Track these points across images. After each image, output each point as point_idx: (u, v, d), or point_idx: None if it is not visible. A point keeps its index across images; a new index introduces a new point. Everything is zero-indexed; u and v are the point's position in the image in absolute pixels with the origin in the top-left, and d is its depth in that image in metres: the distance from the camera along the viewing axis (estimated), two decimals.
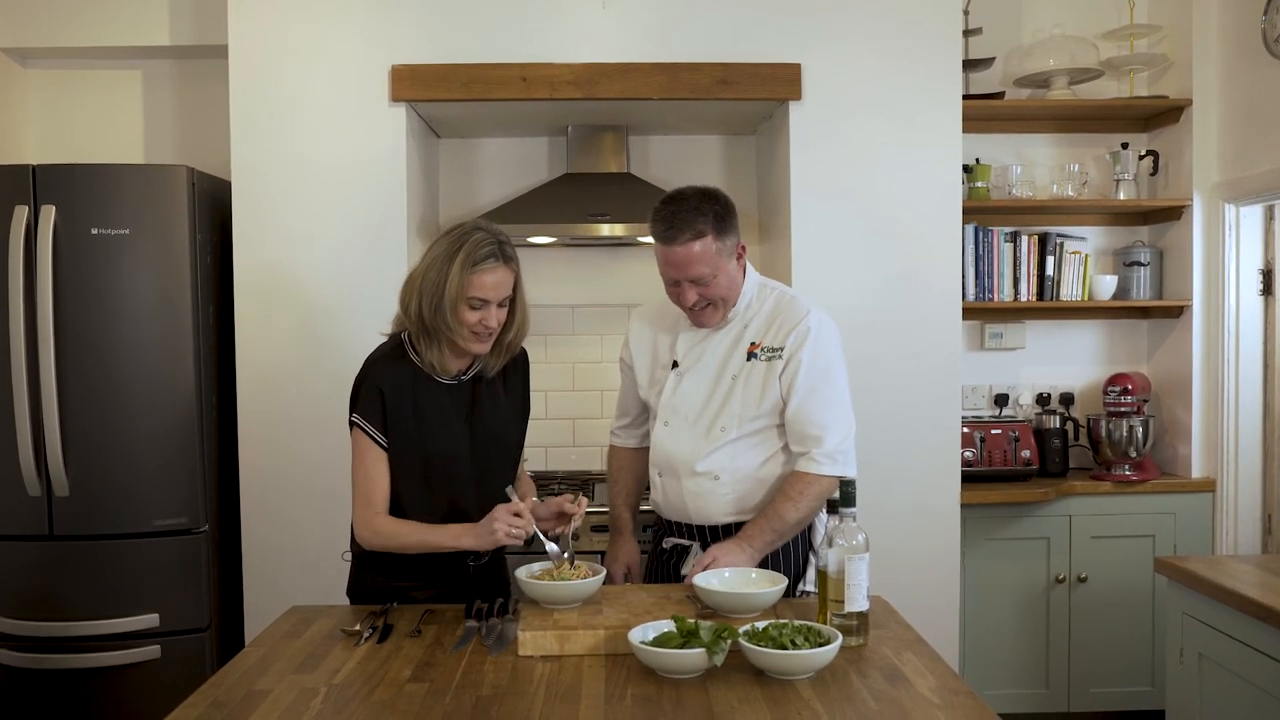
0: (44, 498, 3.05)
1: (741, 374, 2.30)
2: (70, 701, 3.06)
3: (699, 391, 2.33)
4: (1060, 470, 3.86)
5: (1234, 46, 3.65)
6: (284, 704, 1.67)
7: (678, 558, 2.37)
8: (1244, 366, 3.72)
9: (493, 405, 2.29)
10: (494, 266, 2.15)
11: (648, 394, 2.43)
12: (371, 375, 2.22)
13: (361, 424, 2.19)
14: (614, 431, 2.60)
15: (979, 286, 3.86)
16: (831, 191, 3.35)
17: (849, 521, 1.90)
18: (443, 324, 2.15)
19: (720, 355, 2.34)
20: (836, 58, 3.34)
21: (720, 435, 2.29)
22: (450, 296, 2.13)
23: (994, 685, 3.66)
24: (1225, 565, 2.61)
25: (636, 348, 2.48)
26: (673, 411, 2.35)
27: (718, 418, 2.30)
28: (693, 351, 2.36)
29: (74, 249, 3.01)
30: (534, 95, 3.28)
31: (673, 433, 2.35)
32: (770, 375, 2.28)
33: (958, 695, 1.67)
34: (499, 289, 2.16)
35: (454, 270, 2.13)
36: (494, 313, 2.17)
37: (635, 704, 1.64)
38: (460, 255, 2.13)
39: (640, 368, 2.46)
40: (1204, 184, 3.77)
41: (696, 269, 2.21)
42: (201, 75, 3.77)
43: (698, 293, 2.25)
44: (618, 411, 2.58)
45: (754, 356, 2.30)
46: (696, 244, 2.20)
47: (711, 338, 2.35)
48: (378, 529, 2.18)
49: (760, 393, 2.28)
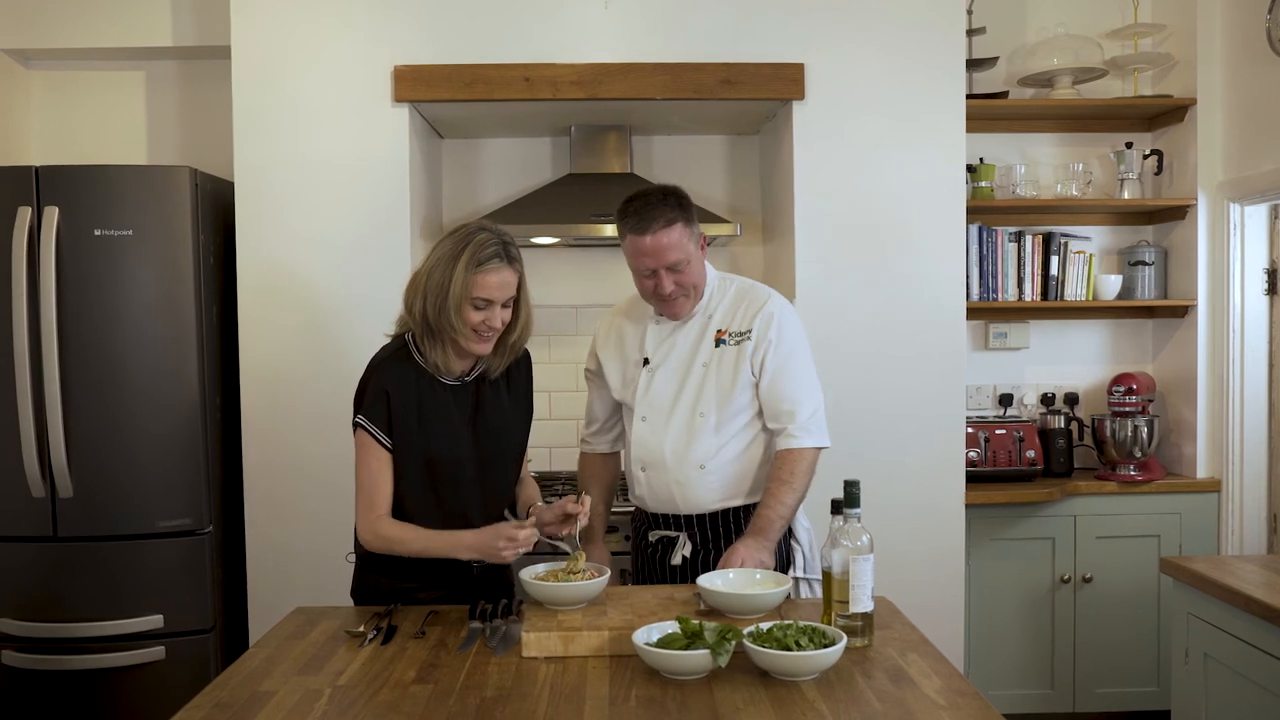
0: (48, 499, 3.05)
1: (712, 361, 2.37)
2: (75, 703, 3.06)
3: (672, 384, 2.39)
4: (1065, 470, 3.85)
5: (1238, 45, 3.64)
6: (288, 706, 1.67)
7: (664, 550, 2.42)
8: (1249, 366, 3.71)
9: (496, 407, 2.29)
10: (498, 267, 2.15)
11: (623, 394, 2.48)
12: (377, 377, 2.22)
13: (366, 425, 2.19)
14: (584, 439, 2.64)
15: (983, 286, 3.86)
16: (835, 191, 3.35)
17: (853, 522, 1.89)
18: (447, 324, 2.15)
19: (689, 347, 2.41)
20: (840, 57, 3.33)
21: (700, 422, 2.35)
22: (454, 297, 2.13)
23: (998, 686, 3.65)
24: (1231, 565, 2.60)
25: (605, 353, 2.54)
26: (649, 406, 2.41)
27: (695, 405, 2.36)
28: (662, 347, 2.43)
29: (77, 250, 3.01)
30: (537, 95, 3.28)
31: (652, 427, 2.40)
32: (741, 358, 2.36)
33: (963, 696, 1.66)
34: (503, 289, 2.16)
35: (458, 270, 2.13)
36: (498, 313, 2.17)
37: (640, 705, 1.64)
38: (465, 255, 2.14)
39: (611, 371, 2.51)
40: (1208, 183, 3.76)
41: (672, 254, 2.29)
42: (204, 76, 3.77)
43: (674, 280, 2.32)
44: (586, 420, 2.63)
45: (722, 343, 2.38)
46: (669, 231, 2.28)
47: (678, 332, 2.42)
48: (380, 532, 2.18)
49: (733, 375, 2.36)
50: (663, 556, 2.43)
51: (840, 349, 3.30)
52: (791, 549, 2.41)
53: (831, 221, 3.35)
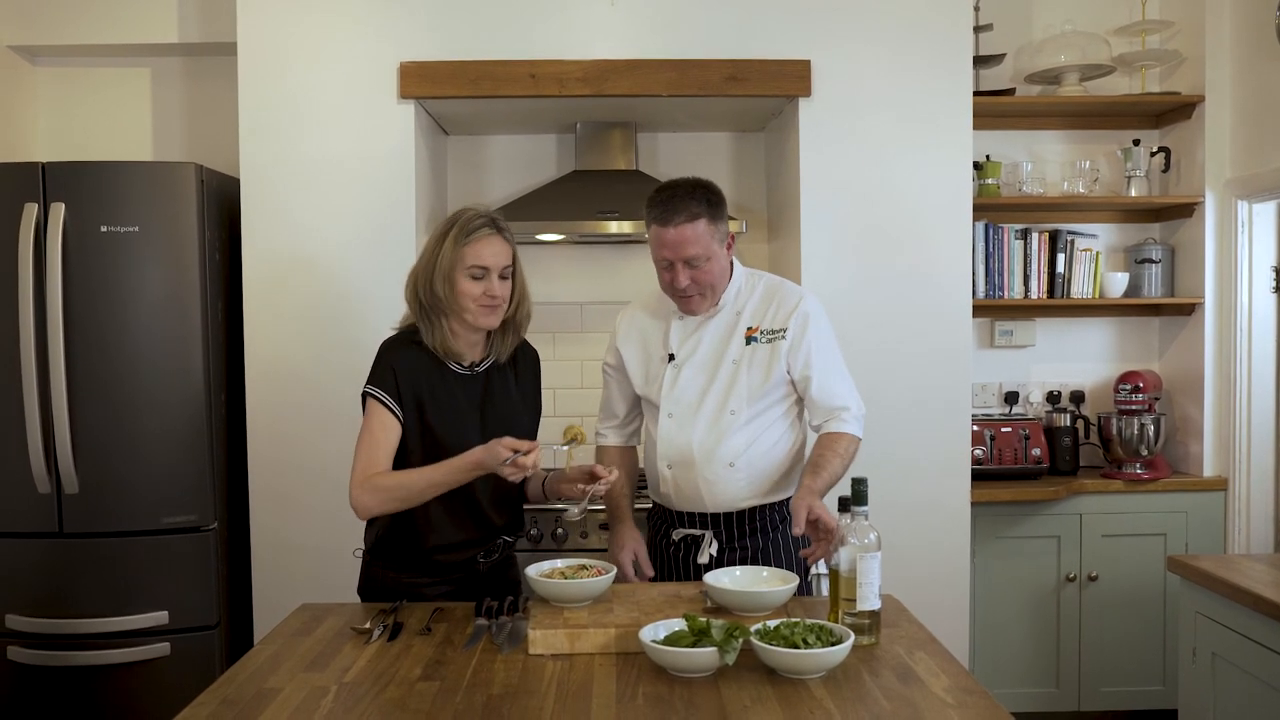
0: (53, 495, 3.05)
1: (743, 358, 2.34)
2: (80, 699, 3.07)
3: (699, 380, 2.36)
4: (1071, 468, 3.84)
5: (1247, 42, 3.62)
6: (295, 702, 1.67)
7: (687, 549, 2.39)
8: (1256, 364, 3.69)
9: (505, 397, 2.28)
10: (488, 235, 2.17)
11: (645, 390, 2.44)
12: (386, 356, 2.21)
13: (374, 393, 2.17)
14: (600, 432, 2.60)
15: (989, 284, 3.85)
16: (841, 188, 3.34)
17: (861, 520, 1.89)
18: (441, 301, 2.16)
19: (717, 343, 2.37)
20: (846, 54, 3.32)
21: (730, 419, 2.32)
22: (444, 269, 2.15)
23: (1004, 684, 3.64)
24: (1238, 564, 2.60)
25: (626, 348, 2.49)
26: (675, 403, 2.37)
27: (725, 402, 2.33)
28: (688, 342, 2.39)
29: (83, 246, 3.02)
30: (543, 92, 3.27)
31: (679, 424, 2.36)
32: (775, 356, 2.33)
33: (971, 695, 1.66)
34: (497, 257, 2.17)
35: (447, 245, 2.16)
36: (496, 283, 2.17)
37: (647, 703, 1.64)
38: (453, 230, 2.17)
39: (633, 367, 2.47)
40: (1216, 181, 3.75)
41: (691, 249, 2.26)
42: (210, 73, 3.77)
43: (690, 275, 2.29)
44: (603, 415, 2.59)
45: (754, 340, 2.35)
46: (692, 225, 2.25)
47: (705, 327, 2.39)
48: (377, 484, 2.13)
49: (765, 373, 2.33)
50: (686, 555, 2.39)
51: (845, 346, 3.23)
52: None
53: (837, 219, 3.34)
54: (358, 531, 2.34)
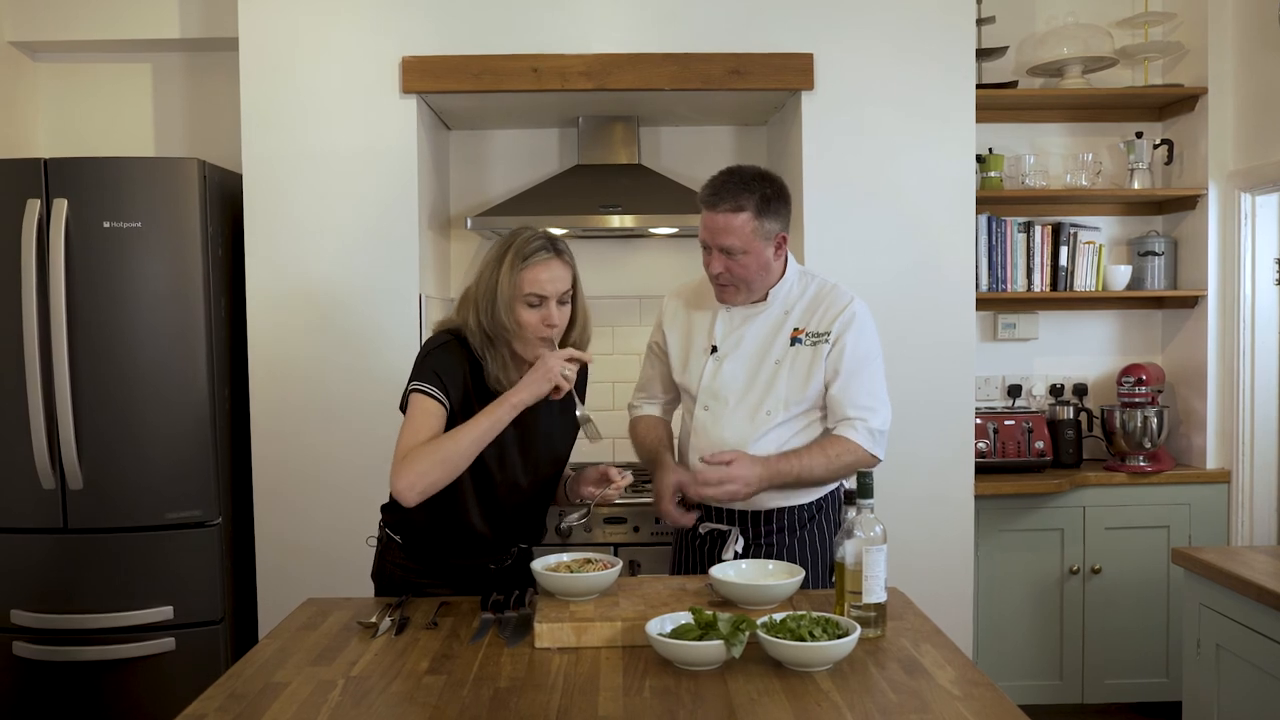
0: (58, 491, 3.05)
1: (786, 358, 2.30)
2: (85, 694, 3.07)
3: (740, 376, 2.32)
4: (1074, 461, 3.84)
5: (1249, 34, 3.62)
6: (302, 696, 1.67)
7: (713, 543, 2.36)
8: (1260, 356, 3.69)
9: (548, 413, 2.20)
10: (546, 259, 2.09)
11: (682, 378, 2.41)
12: (430, 359, 2.14)
13: (420, 387, 2.09)
14: (633, 404, 2.56)
15: (992, 277, 3.85)
16: (844, 182, 3.34)
17: (866, 513, 1.89)
18: (501, 329, 2.09)
19: (761, 340, 2.33)
20: (849, 47, 3.32)
21: (766, 420, 2.28)
22: (504, 298, 2.07)
23: (1008, 676, 3.65)
24: (1241, 556, 2.60)
25: (671, 331, 2.45)
26: (713, 396, 2.33)
27: (763, 402, 2.29)
28: (732, 336, 2.35)
29: (86, 242, 3.01)
30: (545, 86, 3.27)
31: (714, 417, 2.33)
32: (816, 359, 2.28)
33: (977, 687, 1.66)
34: (555, 283, 2.09)
35: (504, 270, 2.07)
36: (554, 310, 2.09)
37: (654, 696, 1.64)
38: (509, 254, 2.08)
39: (674, 350, 2.43)
40: (1219, 173, 3.75)
41: (727, 239, 2.22)
42: (212, 68, 3.77)
43: (724, 264, 2.25)
44: (641, 386, 2.54)
45: (798, 341, 2.30)
46: (735, 215, 2.21)
47: (751, 322, 2.34)
48: (414, 454, 2.03)
49: (806, 376, 2.28)
50: (711, 549, 2.36)
51: None
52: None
53: (840, 212, 3.34)
54: (363, 526, 2.34)
